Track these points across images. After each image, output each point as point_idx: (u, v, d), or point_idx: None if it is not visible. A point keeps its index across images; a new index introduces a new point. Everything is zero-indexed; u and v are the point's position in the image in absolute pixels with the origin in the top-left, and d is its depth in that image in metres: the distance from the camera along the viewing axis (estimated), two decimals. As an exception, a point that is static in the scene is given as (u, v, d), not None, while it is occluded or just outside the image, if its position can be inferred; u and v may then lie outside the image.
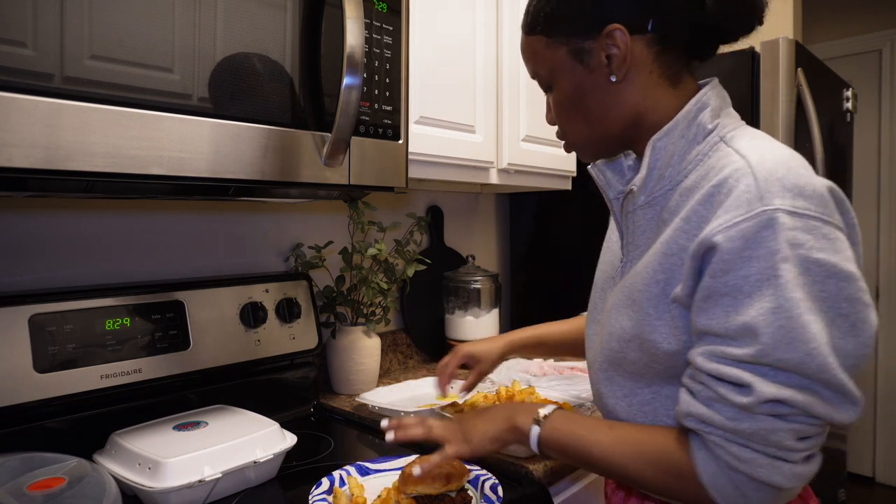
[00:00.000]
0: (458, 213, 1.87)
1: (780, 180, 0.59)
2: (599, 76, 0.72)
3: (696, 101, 0.71)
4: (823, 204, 0.59)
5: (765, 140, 0.67)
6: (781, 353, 0.56)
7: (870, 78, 3.17)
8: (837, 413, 0.58)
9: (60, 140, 0.66)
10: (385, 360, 1.59)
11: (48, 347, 0.92)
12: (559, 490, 1.05)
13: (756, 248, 0.58)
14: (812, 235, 0.57)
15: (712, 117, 0.70)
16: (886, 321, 3.14)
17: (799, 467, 0.59)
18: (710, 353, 0.61)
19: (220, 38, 0.79)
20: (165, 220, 1.21)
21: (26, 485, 0.74)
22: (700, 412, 0.61)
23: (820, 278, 0.57)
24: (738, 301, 0.59)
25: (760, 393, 0.57)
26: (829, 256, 0.57)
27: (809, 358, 0.56)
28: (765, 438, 0.58)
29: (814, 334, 0.56)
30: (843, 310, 0.58)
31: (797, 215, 0.58)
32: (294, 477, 0.97)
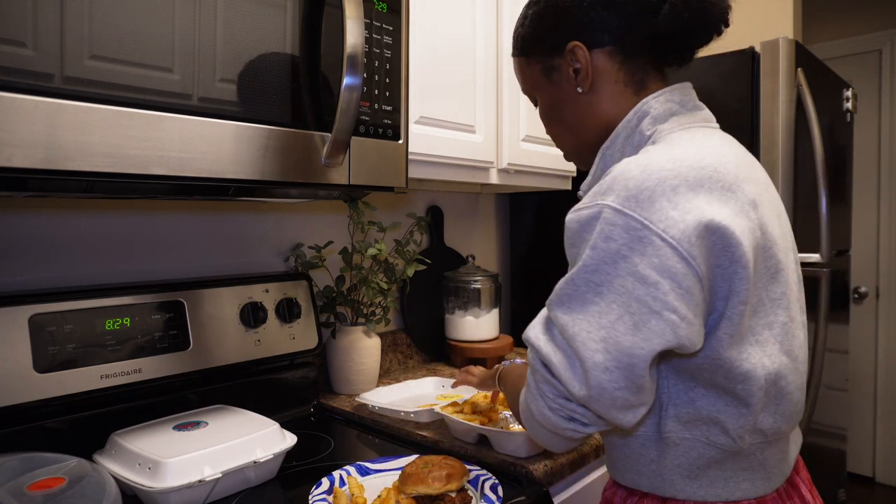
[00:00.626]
0: (458, 213, 1.88)
1: (626, 181, 0.64)
2: (569, 89, 0.80)
3: (636, 111, 0.76)
4: (652, 212, 0.62)
5: (671, 145, 0.69)
6: (557, 311, 0.66)
7: (870, 78, 3.17)
8: (570, 383, 0.64)
9: (60, 140, 0.66)
10: (385, 360, 1.59)
11: (48, 347, 0.92)
12: (559, 490, 1.05)
13: (586, 231, 0.66)
14: (628, 235, 0.62)
15: (652, 124, 0.74)
16: (886, 321, 3.14)
17: (551, 414, 0.67)
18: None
19: (221, 37, 0.79)
20: (165, 220, 1.21)
21: (26, 485, 0.74)
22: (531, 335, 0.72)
23: (623, 273, 0.62)
24: (567, 273, 0.68)
25: (535, 336, 0.69)
26: (633, 256, 0.62)
27: (570, 325, 0.64)
28: (534, 372, 0.69)
29: (585, 312, 0.63)
30: (631, 308, 0.62)
31: (622, 214, 0.63)
32: (294, 477, 0.97)
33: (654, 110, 0.75)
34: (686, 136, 0.71)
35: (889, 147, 3.14)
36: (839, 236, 2.01)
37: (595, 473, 1.13)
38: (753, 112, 1.54)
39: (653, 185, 0.63)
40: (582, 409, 0.66)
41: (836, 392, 2.14)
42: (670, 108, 0.75)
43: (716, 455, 0.69)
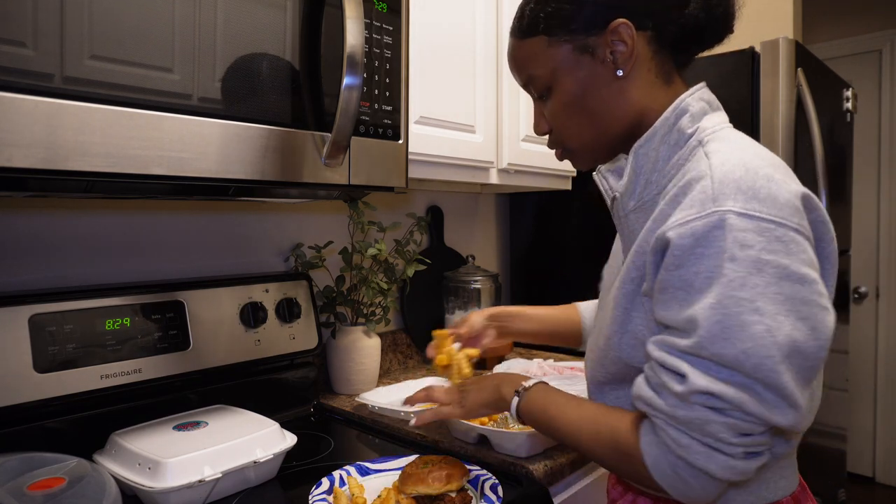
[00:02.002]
0: (458, 213, 1.87)
1: (735, 182, 0.61)
2: (604, 72, 0.72)
3: (675, 108, 0.72)
4: (778, 207, 0.60)
5: (737, 143, 0.68)
6: (718, 348, 0.58)
7: (870, 78, 3.17)
8: (772, 414, 0.58)
9: (60, 140, 0.66)
10: (385, 360, 1.59)
11: (48, 347, 0.92)
12: (559, 490, 1.05)
13: (707, 246, 0.59)
14: (764, 237, 0.58)
15: (691, 122, 0.71)
16: (886, 321, 3.14)
17: (736, 461, 0.60)
18: (659, 342, 0.64)
19: (221, 38, 0.79)
20: (165, 220, 1.21)
21: (26, 485, 0.74)
22: (647, 395, 0.64)
23: (774, 280, 0.58)
24: (690, 295, 0.61)
25: (693, 383, 0.59)
26: (780, 258, 0.58)
27: (745, 356, 0.57)
28: (700, 428, 0.60)
29: (753, 333, 0.57)
30: (801, 313, 0.58)
31: (749, 217, 0.59)
32: (294, 477, 0.97)
33: (692, 108, 0.71)
34: (735, 136, 0.70)
35: (889, 147, 3.14)
36: (839, 236, 2.00)
37: (595, 473, 1.13)
38: (753, 112, 1.54)
39: (764, 182, 0.60)
40: (762, 437, 0.61)
41: (836, 392, 2.14)
42: (703, 106, 0.73)
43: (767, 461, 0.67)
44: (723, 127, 0.72)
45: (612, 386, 0.78)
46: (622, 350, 0.72)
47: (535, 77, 0.77)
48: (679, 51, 0.75)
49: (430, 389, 0.95)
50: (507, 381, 0.86)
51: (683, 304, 0.61)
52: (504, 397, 0.84)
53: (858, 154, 3.15)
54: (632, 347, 0.71)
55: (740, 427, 0.59)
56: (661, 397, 0.63)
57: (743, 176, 0.61)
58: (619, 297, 0.72)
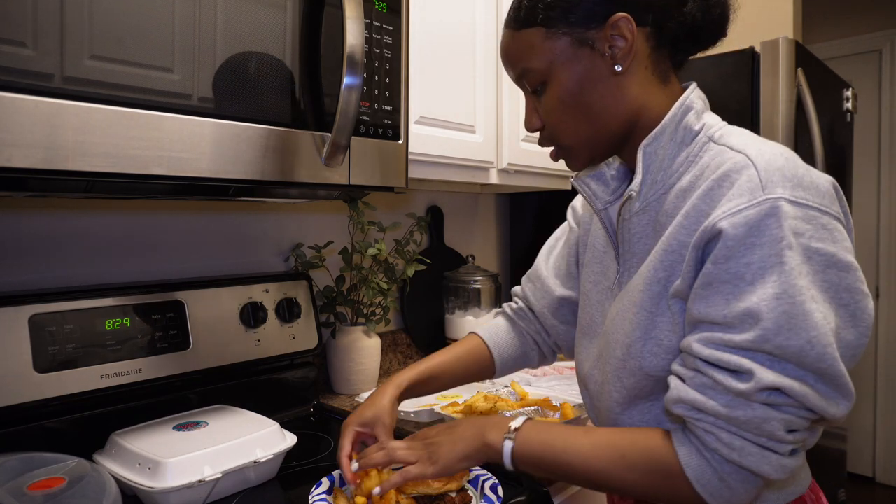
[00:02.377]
0: (458, 213, 1.87)
1: (780, 170, 0.60)
2: (602, 67, 0.70)
3: (681, 105, 0.71)
4: (821, 195, 0.60)
5: (753, 136, 0.68)
6: (783, 340, 0.56)
7: (870, 78, 3.17)
8: (830, 406, 0.57)
9: (60, 140, 0.66)
10: (385, 360, 1.59)
11: (48, 347, 0.92)
12: (559, 490, 1.05)
13: (760, 235, 0.58)
14: (811, 225, 0.58)
15: (697, 119, 0.71)
16: (886, 321, 3.14)
17: (786, 459, 0.59)
18: (706, 340, 0.60)
19: (220, 38, 0.79)
20: (165, 220, 1.21)
21: (26, 485, 0.74)
22: (693, 398, 0.60)
23: (821, 268, 0.58)
24: (740, 288, 0.58)
25: (760, 379, 0.56)
26: (827, 246, 0.58)
27: (810, 346, 0.55)
28: (758, 427, 0.58)
29: (816, 322, 0.56)
30: (843, 300, 0.58)
31: (798, 205, 0.58)
32: (294, 477, 0.97)
33: (696, 105, 0.71)
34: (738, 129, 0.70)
35: (889, 147, 3.14)
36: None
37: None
38: (753, 112, 1.54)
39: (804, 170, 0.61)
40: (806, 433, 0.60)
41: (836, 392, 2.14)
42: (701, 104, 0.73)
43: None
44: (726, 124, 0.72)
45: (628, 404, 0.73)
46: (644, 359, 0.69)
47: (529, 70, 0.74)
48: (677, 50, 0.74)
49: (388, 449, 0.80)
50: (490, 426, 0.76)
51: (731, 297, 0.59)
52: (491, 445, 0.74)
53: (858, 154, 3.15)
54: (654, 356, 0.68)
55: (793, 423, 0.58)
56: (712, 398, 0.59)
57: (785, 164, 0.60)
58: (644, 301, 0.68)
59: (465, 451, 0.76)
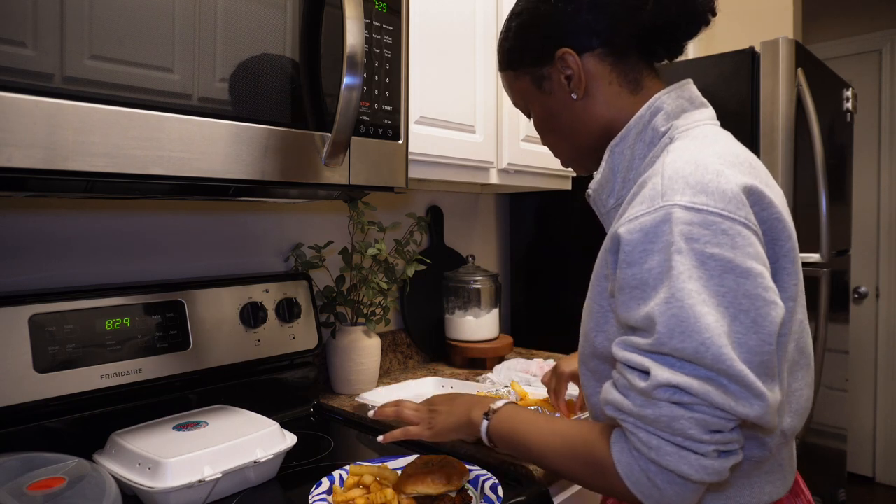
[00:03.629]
0: (458, 213, 1.87)
1: (684, 178, 0.61)
2: (563, 96, 0.78)
3: (649, 106, 0.74)
4: (726, 200, 0.60)
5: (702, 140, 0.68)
6: (677, 343, 0.57)
7: (870, 78, 3.17)
8: (739, 405, 0.57)
9: (60, 140, 0.66)
10: (385, 360, 1.59)
11: (48, 347, 0.92)
12: (559, 490, 1.05)
13: (655, 240, 0.60)
14: (710, 231, 0.58)
15: (666, 120, 0.73)
16: (886, 321, 3.14)
17: (708, 461, 0.58)
18: (622, 343, 0.63)
19: (221, 38, 0.79)
20: (165, 220, 1.21)
21: (26, 485, 0.74)
22: (615, 398, 0.63)
23: (717, 273, 0.58)
24: (645, 292, 0.60)
25: (656, 377, 0.58)
26: (724, 252, 0.58)
27: (704, 348, 0.56)
28: (668, 426, 0.58)
29: (707, 325, 0.56)
30: (742, 305, 0.58)
31: (695, 210, 0.59)
32: (294, 477, 0.97)
33: (667, 106, 0.73)
34: (707, 133, 0.71)
35: (889, 147, 3.14)
36: (839, 236, 2.01)
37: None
38: (753, 112, 1.54)
39: (713, 176, 0.61)
40: (733, 434, 0.59)
41: (837, 392, 2.14)
42: (681, 104, 0.74)
43: (744, 465, 0.67)
44: (698, 124, 0.73)
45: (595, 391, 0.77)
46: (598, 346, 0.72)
47: (516, 103, 0.86)
48: (651, 50, 0.77)
49: (400, 407, 0.96)
50: (477, 405, 0.86)
51: (640, 302, 0.61)
52: (473, 421, 0.85)
53: (858, 154, 3.15)
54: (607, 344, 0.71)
55: (709, 423, 0.57)
56: (629, 398, 0.61)
57: (693, 172, 0.62)
58: (595, 296, 0.73)
59: (455, 424, 0.88)
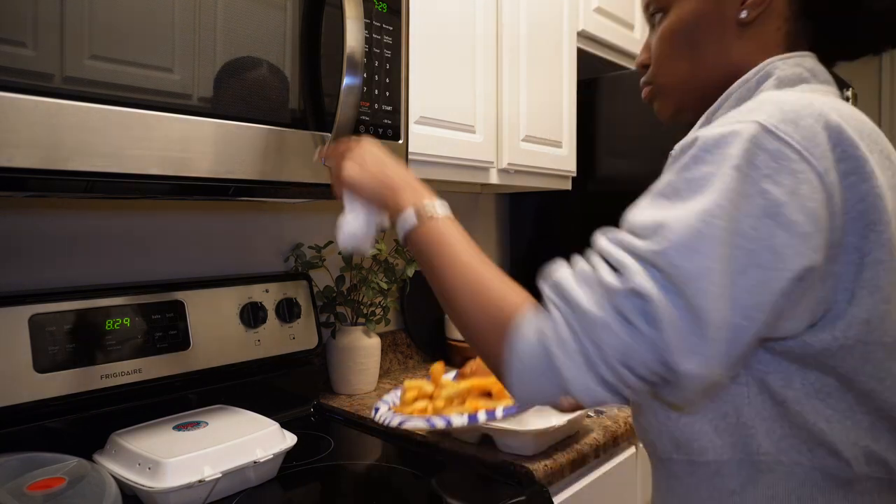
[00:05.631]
0: (458, 213, 1.86)
1: (778, 103, 0.53)
2: (728, 9, 0.64)
3: (758, 70, 0.62)
4: (813, 142, 0.50)
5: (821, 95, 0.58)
6: (680, 258, 0.48)
7: (870, 78, 3.17)
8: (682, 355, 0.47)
9: (60, 140, 0.66)
10: (385, 360, 1.59)
11: (48, 347, 0.92)
12: (559, 490, 1.05)
13: (713, 150, 0.51)
14: (776, 164, 0.49)
15: (775, 87, 0.61)
16: (886, 321, 3.14)
17: (597, 386, 0.51)
18: (612, 236, 0.54)
19: (220, 38, 0.79)
20: (165, 220, 1.21)
21: (26, 485, 0.74)
22: (563, 278, 0.55)
23: (756, 213, 0.48)
24: (672, 200, 0.51)
25: (631, 278, 0.49)
26: (779, 194, 0.48)
27: (700, 276, 0.47)
28: (595, 336, 0.50)
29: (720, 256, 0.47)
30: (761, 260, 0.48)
31: (772, 135, 0.50)
32: (294, 477, 0.97)
33: (779, 71, 0.61)
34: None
35: (889, 147, 3.14)
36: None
37: (595, 473, 1.13)
38: (753, 112, 1.54)
39: (812, 116, 0.51)
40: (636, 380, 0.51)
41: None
42: (799, 73, 0.61)
43: (821, 482, 0.55)
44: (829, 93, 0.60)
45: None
46: None
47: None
48: (824, 39, 0.65)
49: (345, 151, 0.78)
50: (411, 189, 0.72)
51: (656, 208, 0.52)
52: (399, 205, 0.71)
53: (858, 154, 3.15)
54: None
55: (633, 358, 0.49)
56: (581, 286, 0.53)
57: (793, 102, 0.52)
58: None
59: (374, 190, 0.74)
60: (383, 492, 0.93)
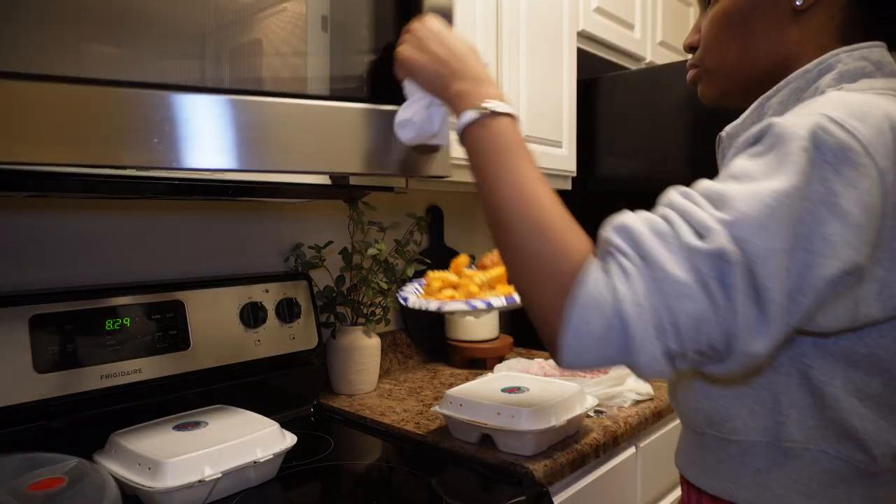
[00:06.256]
0: (458, 213, 1.87)
1: (845, 102, 0.53)
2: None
3: (820, 62, 0.61)
4: (880, 140, 0.50)
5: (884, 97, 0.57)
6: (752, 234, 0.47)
7: None
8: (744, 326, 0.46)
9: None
10: (385, 360, 1.59)
11: (48, 347, 0.92)
12: (559, 490, 1.05)
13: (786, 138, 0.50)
14: (840, 157, 0.49)
15: (837, 81, 0.60)
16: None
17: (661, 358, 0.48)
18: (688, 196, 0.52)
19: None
20: (165, 220, 1.21)
21: (26, 485, 0.74)
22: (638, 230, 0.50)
23: (814, 198, 0.48)
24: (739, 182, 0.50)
25: (715, 240, 0.47)
26: (838, 184, 0.48)
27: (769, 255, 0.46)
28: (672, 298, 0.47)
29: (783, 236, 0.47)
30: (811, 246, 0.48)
31: (841, 127, 0.49)
32: (294, 477, 0.97)
33: (843, 65, 0.60)
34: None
35: (889, 147, 3.14)
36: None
37: (595, 473, 1.13)
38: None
39: (879, 115, 0.51)
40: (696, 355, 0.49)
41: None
42: (863, 66, 0.60)
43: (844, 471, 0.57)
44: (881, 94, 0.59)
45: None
46: None
47: None
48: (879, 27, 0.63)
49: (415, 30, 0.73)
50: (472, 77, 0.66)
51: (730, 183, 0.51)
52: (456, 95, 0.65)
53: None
54: None
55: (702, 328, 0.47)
56: (661, 244, 0.49)
57: (859, 103, 0.52)
58: None
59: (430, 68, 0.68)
60: (383, 492, 0.93)
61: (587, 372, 1.40)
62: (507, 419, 1.06)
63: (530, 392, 1.12)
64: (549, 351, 0.54)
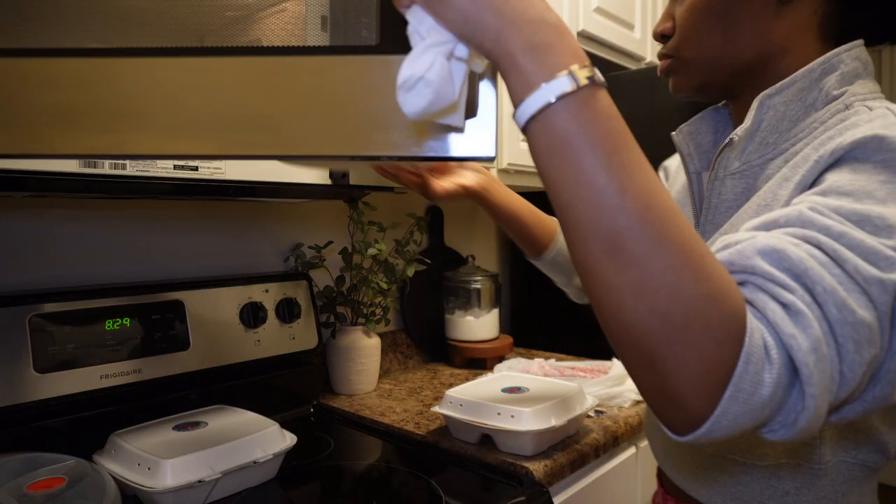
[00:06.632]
0: (458, 213, 1.87)
1: None
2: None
3: (824, 61, 0.60)
4: None
5: None
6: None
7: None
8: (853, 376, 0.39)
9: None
10: (385, 360, 1.59)
11: (48, 347, 0.92)
12: (559, 490, 1.05)
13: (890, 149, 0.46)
14: None
15: (840, 83, 0.59)
16: (886, 321, 3.13)
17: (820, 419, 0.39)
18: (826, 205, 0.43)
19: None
20: (165, 220, 1.21)
21: (26, 485, 0.74)
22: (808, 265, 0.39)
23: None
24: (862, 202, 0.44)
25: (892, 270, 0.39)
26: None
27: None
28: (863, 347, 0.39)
29: None
30: None
31: None
32: (294, 477, 0.97)
33: (844, 66, 0.60)
34: None
35: (889, 147, 3.14)
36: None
37: (595, 473, 1.13)
38: (753, 112, 1.54)
39: None
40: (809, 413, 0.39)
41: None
42: (857, 68, 0.61)
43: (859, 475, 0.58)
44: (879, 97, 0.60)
45: None
46: None
47: None
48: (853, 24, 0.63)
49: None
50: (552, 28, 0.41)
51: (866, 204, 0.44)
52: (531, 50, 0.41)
53: (858, 154, 3.15)
54: None
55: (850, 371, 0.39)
56: (829, 273, 0.39)
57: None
58: None
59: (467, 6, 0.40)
60: (383, 492, 0.93)
61: (587, 372, 1.40)
62: (507, 419, 1.06)
63: (530, 392, 1.12)
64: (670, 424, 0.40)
